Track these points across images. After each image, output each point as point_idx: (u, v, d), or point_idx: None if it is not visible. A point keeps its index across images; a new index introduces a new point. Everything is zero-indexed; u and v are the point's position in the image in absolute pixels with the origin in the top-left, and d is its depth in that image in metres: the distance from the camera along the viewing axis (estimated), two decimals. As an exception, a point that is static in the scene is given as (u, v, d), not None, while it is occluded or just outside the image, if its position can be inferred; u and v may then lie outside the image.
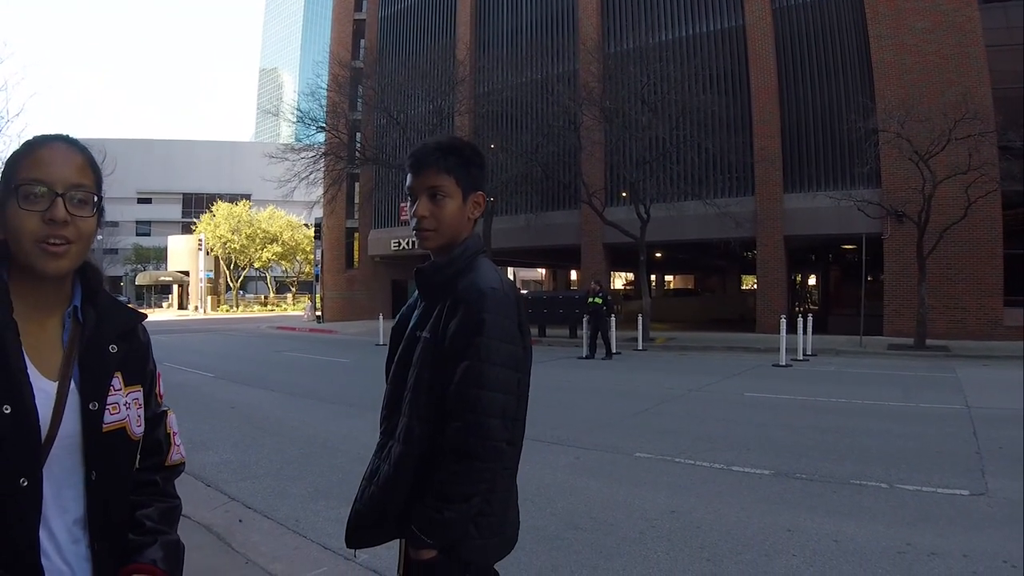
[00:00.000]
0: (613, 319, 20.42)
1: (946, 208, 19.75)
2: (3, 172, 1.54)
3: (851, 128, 21.31)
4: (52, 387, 1.52)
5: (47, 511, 1.49)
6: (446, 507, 1.98)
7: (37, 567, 1.47)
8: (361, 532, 2.21)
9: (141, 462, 1.72)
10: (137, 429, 1.66)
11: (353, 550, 2.28)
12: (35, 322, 1.55)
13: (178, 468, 1.87)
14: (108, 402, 1.59)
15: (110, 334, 1.64)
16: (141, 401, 1.69)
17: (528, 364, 2.19)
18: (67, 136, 1.60)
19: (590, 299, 20.65)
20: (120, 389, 1.63)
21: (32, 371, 1.49)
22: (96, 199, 1.59)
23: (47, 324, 1.58)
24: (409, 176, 2.21)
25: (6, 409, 1.41)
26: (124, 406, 1.63)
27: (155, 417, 1.78)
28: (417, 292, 2.30)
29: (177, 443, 1.86)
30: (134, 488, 1.70)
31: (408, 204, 2.24)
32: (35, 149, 1.54)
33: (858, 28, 24.86)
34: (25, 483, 1.43)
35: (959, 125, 18.47)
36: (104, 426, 1.57)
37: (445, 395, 2.04)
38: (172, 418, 1.87)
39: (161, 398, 1.84)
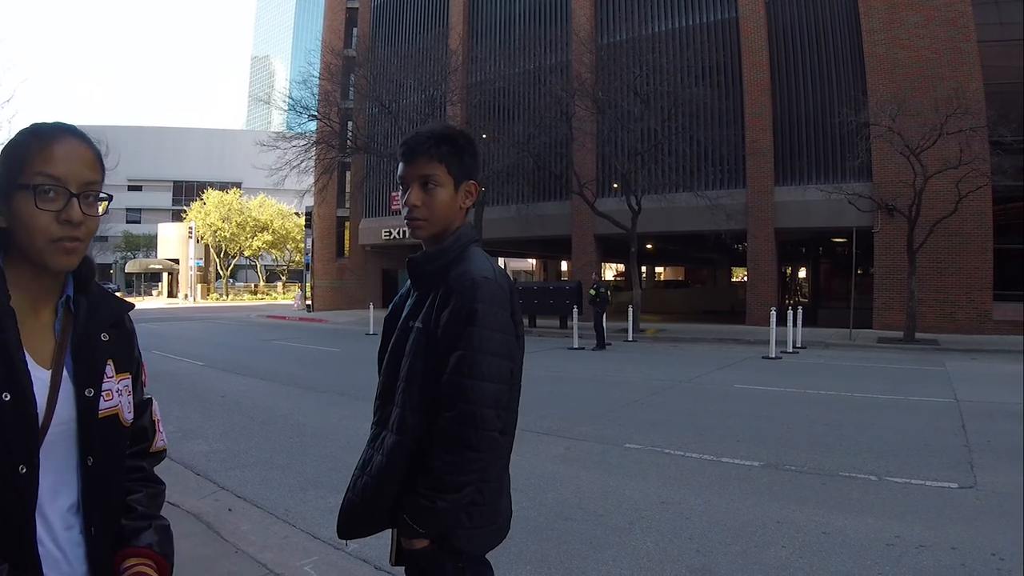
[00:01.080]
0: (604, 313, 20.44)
1: (937, 202, 19.80)
2: (6, 159, 1.52)
3: (843, 122, 21.32)
4: (47, 375, 1.53)
5: (42, 498, 1.49)
6: (439, 496, 1.97)
7: (34, 554, 1.47)
8: (353, 522, 2.20)
9: (128, 448, 1.73)
10: (128, 416, 1.67)
11: (344, 540, 2.27)
12: (30, 311, 1.55)
13: (162, 454, 1.88)
14: (102, 389, 1.60)
15: (102, 323, 1.65)
16: (131, 388, 1.70)
17: (521, 353, 2.18)
18: (75, 128, 1.59)
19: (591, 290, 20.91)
20: (112, 376, 1.64)
21: (28, 359, 1.50)
22: (104, 196, 1.60)
23: (41, 313, 1.58)
24: (401, 165, 2.20)
25: (5, 397, 1.42)
26: (116, 393, 1.64)
27: (141, 404, 1.79)
28: (409, 281, 2.29)
29: (161, 430, 1.87)
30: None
31: (400, 193, 2.22)
32: (48, 143, 1.52)
33: (851, 22, 24.88)
34: (24, 470, 1.44)
35: (951, 120, 18.49)
36: (100, 412, 1.58)
37: (438, 385, 2.03)
38: (156, 405, 1.87)
39: (145, 385, 1.84)
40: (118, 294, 1.84)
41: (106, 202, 1.60)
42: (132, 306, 1.79)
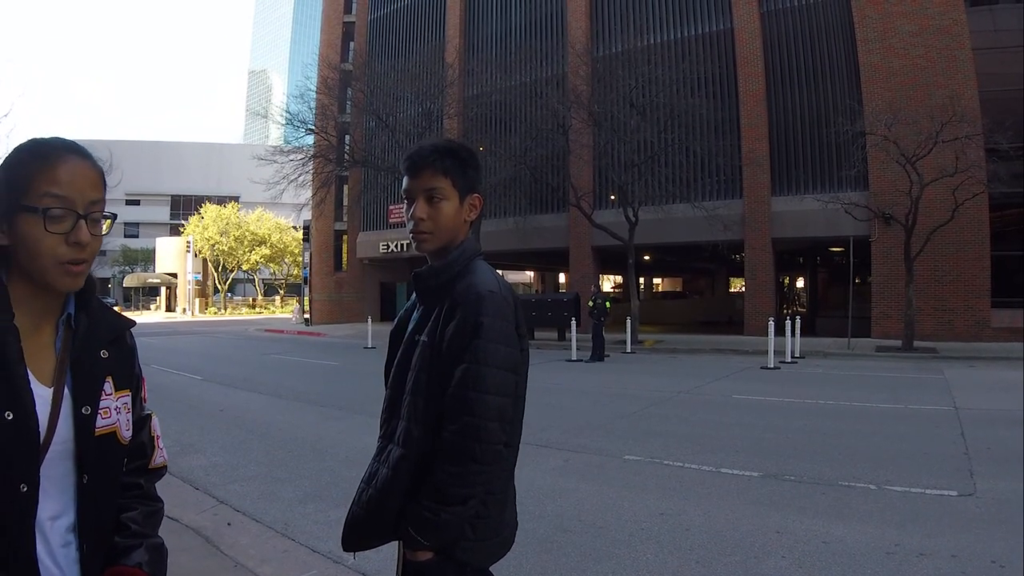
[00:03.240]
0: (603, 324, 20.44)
1: (933, 210, 19.85)
2: (7, 177, 1.51)
3: (839, 131, 21.35)
4: (48, 393, 1.53)
5: (41, 515, 1.50)
6: (443, 509, 1.97)
7: (35, 571, 1.48)
8: (358, 534, 2.20)
9: (126, 465, 1.73)
10: (126, 433, 1.67)
11: (349, 553, 2.27)
12: (32, 328, 1.55)
13: (161, 471, 1.87)
14: (100, 406, 1.60)
15: (102, 340, 1.65)
16: (130, 405, 1.70)
17: (525, 366, 2.19)
18: (77, 145, 1.59)
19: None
20: (111, 394, 1.64)
21: (30, 377, 1.50)
22: (108, 215, 1.61)
23: (43, 330, 1.58)
24: (406, 178, 2.21)
25: (8, 415, 1.42)
26: (115, 410, 1.64)
27: (140, 420, 1.79)
28: (415, 295, 2.30)
29: (160, 446, 1.87)
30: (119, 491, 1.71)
31: (404, 207, 2.24)
32: (52, 163, 1.52)
33: (846, 31, 24.98)
34: (25, 488, 1.44)
35: (946, 128, 18.55)
36: (96, 430, 1.58)
37: (444, 398, 2.04)
38: (155, 421, 1.87)
39: (145, 401, 1.84)
40: (116, 309, 1.84)
41: (110, 221, 1.61)
42: (133, 323, 1.79)
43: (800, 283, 38.52)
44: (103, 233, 1.59)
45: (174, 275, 66.22)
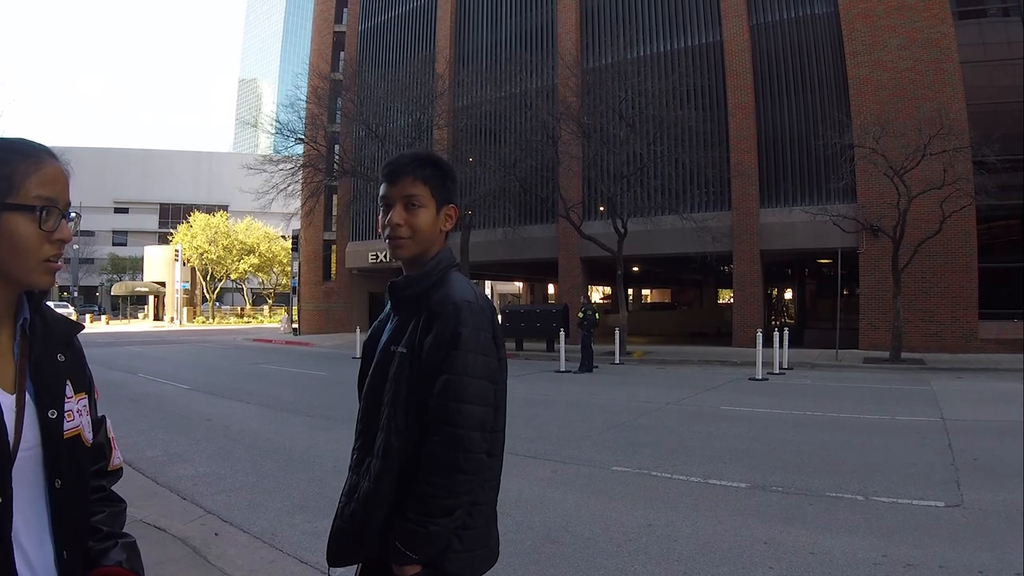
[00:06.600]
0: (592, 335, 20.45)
1: (921, 222, 19.95)
2: None
3: (827, 143, 21.49)
4: (11, 399, 1.50)
5: (16, 526, 1.46)
6: (430, 521, 1.96)
7: None
8: (343, 549, 2.18)
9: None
10: (89, 435, 1.66)
11: (334, 568, 2.26)
12: None
13: (119, 472, 1.86)
14: (64, 409, 1.58)
15: (58, 343, 1.64)
16: (88, 408, 1.69)
17: (504, 376, 2.19)
18: (49, 148, 1.59)
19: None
20: (71, 396, 1.62)
21: None
22: (75, 214, 1.62)
23: (0, 336, 1.56)
24: (384, 185, 2.22)
25: None
26: (77, 413, 1.62)
27: (96, 422, 1.76)
28: (389, 305, 2.30)
29: (115, 447, 1.85)
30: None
31: (380, 214, 2.24)
32: (39, 164, 1.53)
33: (834, 45, 25.13)
34: (0, 501, 1.41)
35: (934, 140, 18.68)
36: (65, 433, 1.56)
37: (423, 409, 2.04)
38: (109, 423, 1.85)
39: (97, 396, 1.82)
40: (104, 316, 1.85)
41: (76, 220, 1.63)
42: (82, 327, 1.78)
43: (788, 295, 38.62)
44: (73, 232, 1.61)
45: (162, 284, 65.96)
